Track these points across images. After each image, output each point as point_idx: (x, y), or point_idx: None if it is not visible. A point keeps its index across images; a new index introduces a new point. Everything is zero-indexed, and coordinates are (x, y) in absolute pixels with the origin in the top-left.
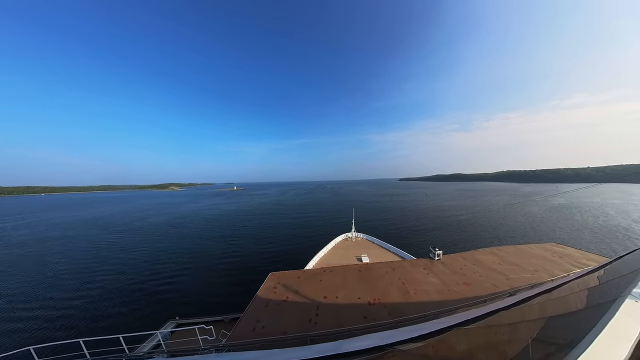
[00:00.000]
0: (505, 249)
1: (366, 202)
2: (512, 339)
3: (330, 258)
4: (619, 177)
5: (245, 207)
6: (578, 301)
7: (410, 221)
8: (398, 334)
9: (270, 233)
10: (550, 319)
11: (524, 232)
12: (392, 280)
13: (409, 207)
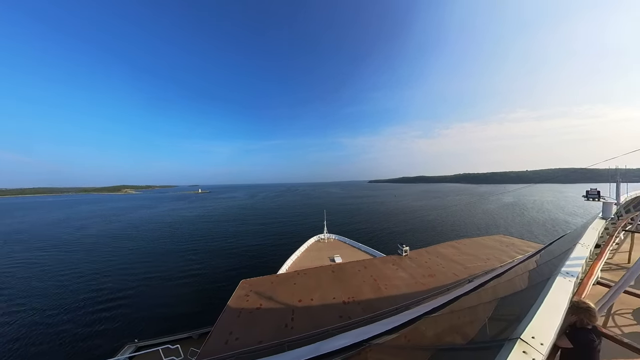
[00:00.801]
0: (462, 241)
1: (338, 203)
2: (473, 319)
3: (303, 260)
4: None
5: (210, 212)
6: (522, 282)
7: (380, 221)
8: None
9: (239, 239)
10: (501, 299)
11: (479, 226)
12: (365, 278)
13: (379, 207)
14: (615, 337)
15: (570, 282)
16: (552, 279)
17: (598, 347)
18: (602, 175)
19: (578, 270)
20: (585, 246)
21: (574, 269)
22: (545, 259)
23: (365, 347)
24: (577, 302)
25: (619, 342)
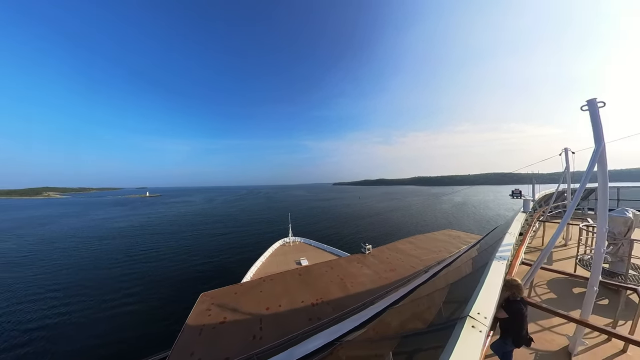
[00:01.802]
0: (417, 237)
1: (303, 206)
2: (430, 305)
3: (269, 266)
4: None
5: (158, 220)
6: (467, 268)
7: (345, 222)
8: (343, 326)
9: (195, 250)
10: (452, 284)
11: (435, 223)
12: (332, 278)
13: (344, 209)
14: (537, 304)
15: (503, 264)
16: (490, 263)
17: (526, 313)
18: (524, 178)
19: (508, 254)
20: (512, 235)
21: (505, 254)
22: (483, 247)
23: (337, 345)
24: (508, 280)
25: (539, 307)
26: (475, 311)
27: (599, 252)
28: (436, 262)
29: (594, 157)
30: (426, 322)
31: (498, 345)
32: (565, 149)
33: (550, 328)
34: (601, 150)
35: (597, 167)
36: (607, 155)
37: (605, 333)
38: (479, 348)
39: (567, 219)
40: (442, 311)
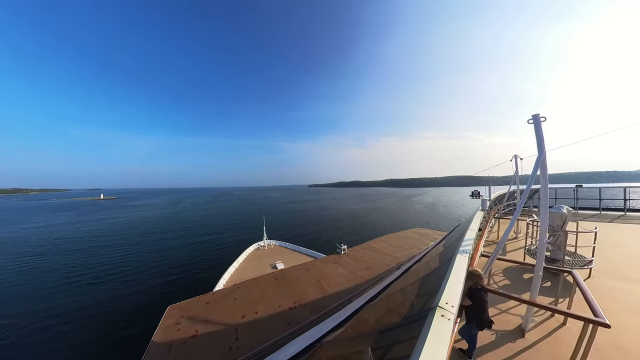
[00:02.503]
0: (389, 236)
1: (278, 209)
2: (404, 299)
3: (243, 272)
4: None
5: (113, 228)
6: (435, 262)
7: (322, 224)
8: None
9: (160, 259)
10: (422, 278)
11: (405, 222)
12: (308, 280)
13: (321, 211)
14: (495, 290)
15: (466, 257)
16: (454, 257)
17: (486, 299)
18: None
19: (469, 248)
20: (472, 230)
21: (467, 248)
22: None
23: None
24: (471, 271)
25: (497, 293)
26: (444, 301)
27: (542, 243)
28: (407, 259)
29: (537, 163)
30: (401, 316)
31: (464, 330)
32: (515, 156)
33: (506, 310)
34: (543, 157)
35: (540, 172)
36: (547, 161)
37: (549, 310)
38: (448, 334)
39: (516, 215)
40: (414, 304)
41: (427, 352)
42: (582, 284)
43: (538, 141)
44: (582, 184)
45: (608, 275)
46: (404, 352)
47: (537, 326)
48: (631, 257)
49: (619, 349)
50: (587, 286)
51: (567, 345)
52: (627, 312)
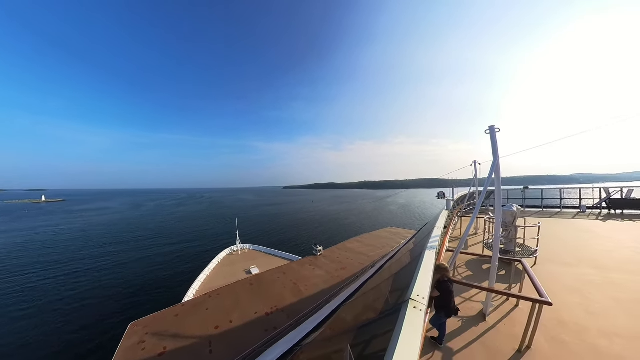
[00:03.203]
0: (363, 236)
1: (252, 211)
2: (379, 296)
3: (215, 279)
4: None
5: (54, 236)
6: (406, 258)
7: (298, 226)
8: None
9: (118, 272)
10: (395, 274)
11: (381, 222)
12: (285, 284)
13: (297, 214)
14: (459, 281)
15: (433, 252)
16: (424, 253)
17: (452, 290)
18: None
19: (436, 244)
20: (439, 228)
21: (434, 244)
22: (418, 240)
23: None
24: (438, 265)
25: (461, 283)
26: (415, 294)
27: (497, 237)
28: (381, 257)
29: (492, 168)
30: (377, 311)
31: (434, 319)
32: (474, 161)
33: (470, 298)
34: (497, 163)
35: (494, 175)
36: (500, 166)
37: (505, 295)
38: (421, 325)
39: (476, 213)
40: (389, 299)
41: (402, 343)
42: (529, 271)
43: (493, 149)
44: (529, 186)
45: (549, 262)
46: (382, 346)
47: (496, 310)
48: (566, 246)
49: (560, 323)
50: (533, 272)
51: (520, 323)
52: (564, 291)
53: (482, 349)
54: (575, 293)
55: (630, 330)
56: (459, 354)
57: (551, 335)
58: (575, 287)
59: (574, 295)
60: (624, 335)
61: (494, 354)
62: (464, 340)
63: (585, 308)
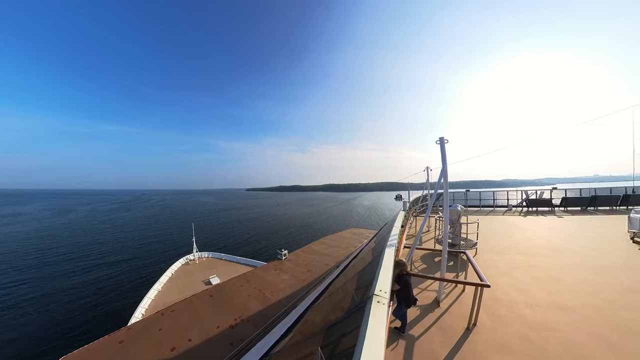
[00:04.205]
0: (329, 237)
1: (212, 216)
2: (345, 294)
3: (168, 294)
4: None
5: None
6: (369, 257)
7: (262, 230)
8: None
9: (38, 297)
10: (359, 272)
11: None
12: (249, 292)
13: (262, 217)
14: (416, 273)
15: (393, 249)
16: (384, 250)
17: (411, 282)
18: (405, 186)
19: (395, 241)
20: (397, 227)
21: (393, 241)
22: (379, 238)
23: None
24: (397, 261)
25: (418, 275)
26: (379, 289)
27: (445, 233)
28: (345, 257)
29: (441, 174)
30: (344, 310)
31: (396, 310)
32: (427, 167)
33: (425, 288)
34: (445, 169)
35: (443, 180)
36: (448, 172)
37: (454, 282)
38: (384, 317)
39: (428, 213)
40: (354, 297)
41: (369, 337)
42: (472, 260)
43: (442, 157)
44: (470, 189)
45: (486, 251)
46: (350, 343)
47: (447, 295)
48: (498, 237)
49: (496, 300)
50: (475, 261)
51: (467, 305)
52: (498, 274)
53: (438, 331)
54: (506, 275)
55: (546, 301)
56: (419, 339)
57: (491, 311)
58: (506, 270)
59: (505, 277)
60: (542, 305)
61: (449, 334)
62: (423, 326)
63: (513, 287)
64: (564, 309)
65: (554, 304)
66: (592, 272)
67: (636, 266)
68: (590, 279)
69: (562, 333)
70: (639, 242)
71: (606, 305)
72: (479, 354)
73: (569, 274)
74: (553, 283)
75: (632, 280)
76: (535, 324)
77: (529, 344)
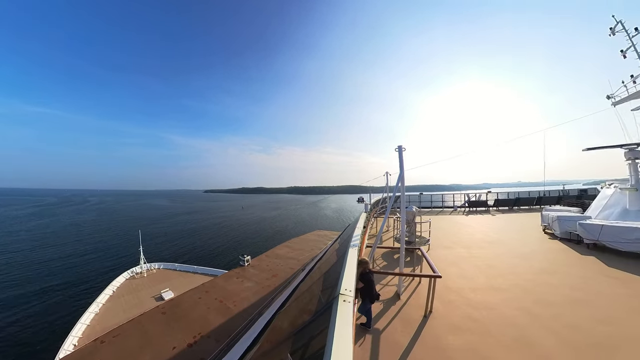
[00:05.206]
0: (293, 240)
1: (165, 221)
2: (312, 297)
3: (109, 316)
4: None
5: None
6: (334, 257)
7: (224, 237)
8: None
9: None
10: (325, 274)
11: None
12: (209, 304)
13: (224, 222)
14: (378, 271)
15: (356, 249)
16: (348, 251)
17: (373, 279)
18: (366, 189)
19: (358, 241)
20: (359, 228)
21: (356, 242)
22: (343, 239)
23: None
24: (360, 260)
25: (379, 272)
26: (344, 288)
27: (403, 232)
28: (311, 259)
29: (399, 179)
30: (311, 312)
31: (361, 307)
32: (387, 172)
33: (387, 284)
34: (402, 175)
35: (400, 184)
36: (405, 177)
37: (411, 276)
38: (350, 315)
39: (387, 214)
40: (321, 298)
41: (337, 336)
42: (425, 255)
43: (400, 164)
44: (423, 192)
45: (437, 247)
46: (320, 344)
47: (406, 289)
48: (446, 234)
49: (447, 288)
50: (428, 255)
51: (423, 295)
52: (448, 266)
53: (400, 321)
54: (454, 266)
55: (485, 284)
56: (384, 331)
57: (442, 298)
58: (454, 262)
59: (453, 267)
60: (482, 288)
61: (409, 323)
62: (386, 319)
63: (460, 275)
64: (498, 289)
65: (491, 287)
66: (518, 258)
67: (547, 251)
68: (517, 263)
69: (497, 309)
70: (549, 232)
71: (528, 284)
72: (436, 337)
73: (501, 261)
74: (489, 269)
75: (545, 263)
76: (478, 305)
77: (473, 322)
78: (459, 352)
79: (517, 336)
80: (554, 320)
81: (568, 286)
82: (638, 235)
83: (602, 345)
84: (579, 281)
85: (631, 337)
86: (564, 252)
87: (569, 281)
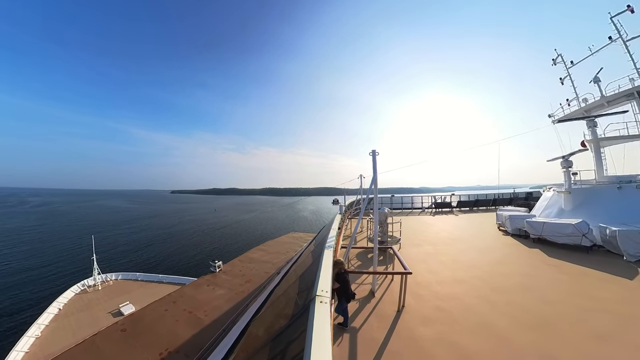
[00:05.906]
0: (267, 243)
1: (123, 225)
2: (288, 300)
3: (54, 338)
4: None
5: None
6: (309, 259)
7: (193, 241)
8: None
9: None
10: (301, 276)
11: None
12: (177, 316)
13: (193, 227)
14: (353, 270)
15: (331, 250)
16: (323, 252)
17: (349, 279)
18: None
19: (333, 242)
20: (334, 229)
21: (331, 243)
22: (318, 241)
23: None
24: (335, 261)
25: (354, 272)
26: (320, 289)
27: (376, 232)
28: (286, 262)
29: (372, 182)
30: (288, 317)
31: (338, 307)
32: (360, 175)
33: (362, 283)
34: (375, 177)
35: (373, 186)
36: (378, 180)
37: (385, 274)
38: (328, 315)
39: (361, 216)
40: (297, 301)
41: (316, 338)
42: (397, 253)
43: (373, 167)
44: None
45: (407, 245)
46: (299, 348)
47: (380, 286)
48: (415, 233)
49: (417, 284)
50: (400, 254)
51: (396, 291)
52: (417, 262)
53: (375, 318)
54: (422, 262)
55: (450, 277)
56: (360, 329)
57: (413, 293)
58: (422, 258)
59: (422, 264)
60: (447, 281)
61: (384, 318)
62: (362, 317)
63: (428, 270)
64: (461, 281)
65: (455, 279)
66: (477, 252)
67: (501, 246)
68: (476, 257)
69: (461, 299)
70: (502, 230)
71: (485, 275)
72: (409, 329)
73: (463, 256)
74: (453, 264)
75: (499, 256)
76: (444, 296)
77: (441, 312)
78: (430, 341)
79: (479, 321)
80: (508, 305)
81: (518, 274)
82: (571, 230)
83: (547, 322)
84: (527, 270)
85: (569, 314)
86: (515, 246)
87: (519, 270)
